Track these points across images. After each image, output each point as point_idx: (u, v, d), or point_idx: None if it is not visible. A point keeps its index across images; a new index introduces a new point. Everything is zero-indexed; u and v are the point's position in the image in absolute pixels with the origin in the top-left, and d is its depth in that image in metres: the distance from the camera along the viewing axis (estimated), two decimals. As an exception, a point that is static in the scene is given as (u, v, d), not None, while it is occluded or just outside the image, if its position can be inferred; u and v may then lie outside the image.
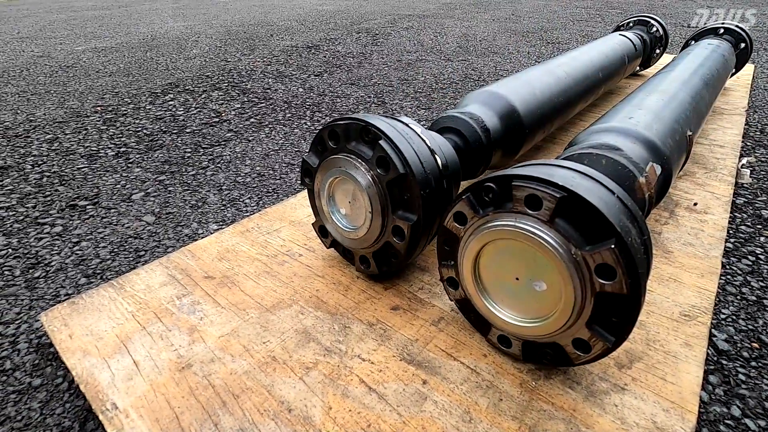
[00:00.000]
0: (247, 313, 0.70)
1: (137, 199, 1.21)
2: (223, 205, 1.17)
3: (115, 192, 1.24)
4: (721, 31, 1.65)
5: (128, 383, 0.59)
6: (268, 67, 2.53)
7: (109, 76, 2.40)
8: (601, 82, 1.36)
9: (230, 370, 0.60)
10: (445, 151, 0.71)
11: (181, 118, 1.79)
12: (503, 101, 0.95)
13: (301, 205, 1.01)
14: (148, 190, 1.25)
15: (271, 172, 1.34)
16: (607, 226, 0.46)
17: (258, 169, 1.37)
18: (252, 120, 1.77)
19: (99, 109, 1.90)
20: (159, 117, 1.80)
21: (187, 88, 2.17)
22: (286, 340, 0.65)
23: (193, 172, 1.35)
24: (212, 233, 0.93)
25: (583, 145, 0.75)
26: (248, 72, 2.44)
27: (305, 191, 1.05)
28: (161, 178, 1.32)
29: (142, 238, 1.03)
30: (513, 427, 0.52)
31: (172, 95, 2.06)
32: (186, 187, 1.26)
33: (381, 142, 0.63)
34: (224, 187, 1.26)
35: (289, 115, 1.81)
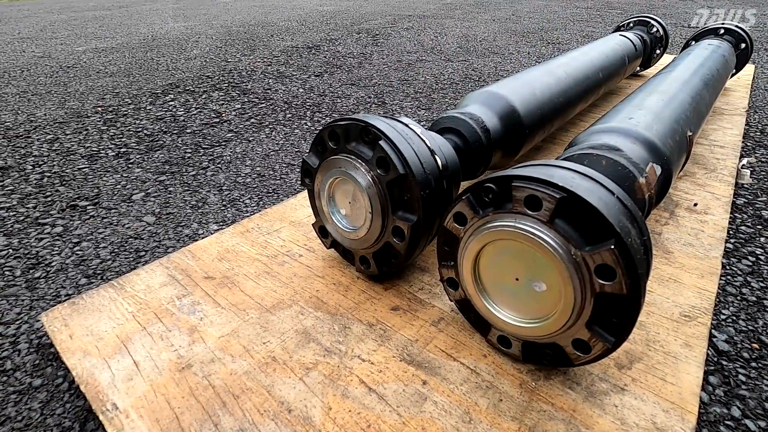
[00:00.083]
0: (247, 314, 0.70)
1: (138, 199, 1.21)
2: (224, 206, 1.17)
3: (116, 192, 1.24)
4: (722, 32, 1.65)
5: (128, 383, 0.59)
6: (269, 68, 2.54)
7: (110, 77, 2.40)
8: (602, 83, 1.36)
9: (230, 371, 0.60)
10: (445, 151, 0.71)
11: (182, 118, 1.79)
12: (503, 101, 0.95)
13: (301, 206, 1.01)
14: (149, 191, 1.25)
15: (272, 173, 1.35)
16: (607, 226, 0.46)
17: (258, 169, 1.37)
18: (252, 120, 1.77)
19: (99, 109, 1.90)
20: (159, 117, 1.80)
21: (188, 88, 2.17)
22: (286, 341, 0.65)
23: (194, 173, 1.35)
24: (212, 233, 0.93)
25: (583, 146, 0.75)
26: (249, 72, 2.44)
27: (305, 191, 1.05)
28: (161, 178, 1.32)
29: (143, 239, 1.04)
30: (513, 428, 0.52)
31: (172, 95, 2.07)
32: (186, 188, 1.26)
33: (381, 142, 0.63)
34: (224, 188, 1.26)
35: (290, 116, 1.81)
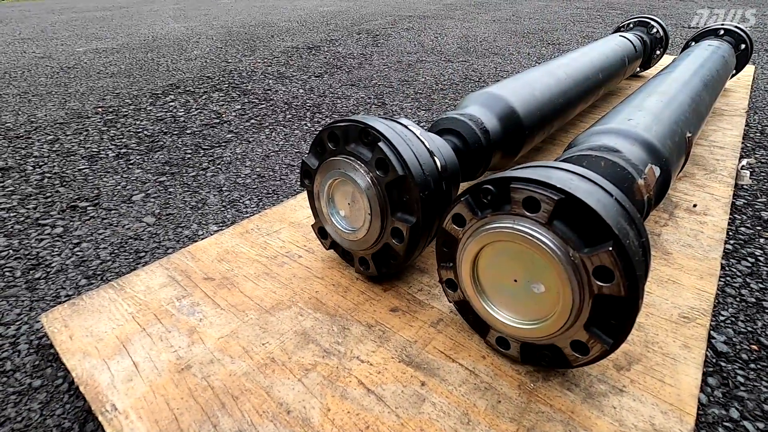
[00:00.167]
0: (247, 315, 0.70)
1: (138, 200, 1.21)
2: (223, 207, 1.17)
3: (116, 193, 1.24)
4: (722, 33, 1.65)
5: (128, 384, 0.59)
6: (269, 68, 2.54)
7: (110, 77, 2.40)
8: (601, 84, 1.36)
9: (229, 372, 0.61)
10: (444, 152, 0.72)
11: (182, 119, 1.80)
12: (503, 103, 0.95)
13: (300, 207, 1.01)
14: (149, 192, 1.25)
15: (271, 174, 1.35)
16: (605, 228, 0.46)
17: (258, 170, 1.37)
18: (252, 121, 1.77)
19: (100, 110, 1.91)
20: (159, 118, 1.80)
21: (188, 89, 2.17)
22: (285, 342, 0.65)
23: (194, 174, 1.35)
24: (212, 234, 0.93)
25: (582, 147, 0.75)
26: (249, 73, 2.45)
27: (305, 192, 1.05)
28: (162, 179, 1.32)
29: (143, 239, 1.04)
30: (511, 429, 0.52)
31: (172, 96, 2.07)
32: (186, 189, 1.26)
33: (380, 144, 0.63)
34: (224, 189, 1.26)
35: (290, 116, 1.82)
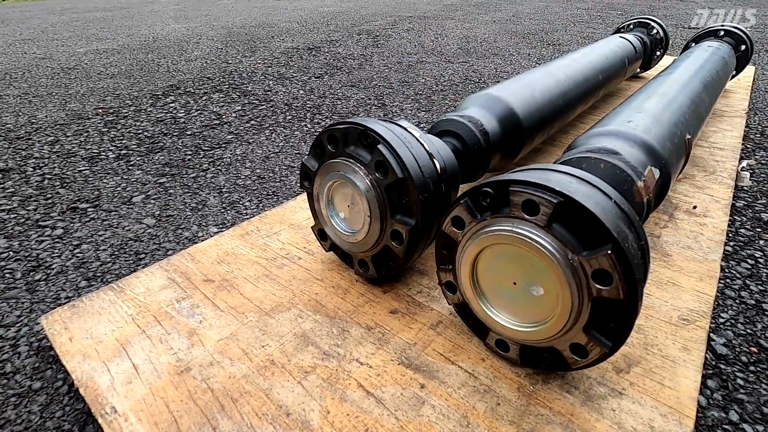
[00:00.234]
0: (246, 317, 0.70)
1: (138, 201, 1.21)
2: (223, 208, 1.17)
3: (116, 194, 1.25)
4: (722, 33, 1.65)
5: (127, 387, 0.59)
6: (269, 69, 2.54)
7: (111, 78, 2.40)
8: (601, 85, 1.36)
9: (229, 374, 0.61)
10: (443, 155, 0.72)
11: (182, 120, 1.80)
12: (502, 104, 0.95)
13: (300, 208, 1.01)
14: (149, 193, 1.25)
15: (271, 175, 1.35)
16: (604, 231, 0.46)
17: (258, 171, 1.37)
18: (252, 122, 1.78)
19: (100, 111, 1.91)
20: (160, 119, 1.81)
21: (188, 90, 2.18)
22: (284, 344, 0.65)
23: (194, 175, 1.35)
24: (212, 236, 0.93)
25: (581, 149, 0.75)
26: (249, 74, 2.45)
27: (305, 194, 1.05)
28: (162, 180, 1.32)
29: (143, 241, 1.04)
30: (510, 432, 0.52)
31: (173, 97, 2.07)
32: (186, 190, 1.26)
33: (379, 146, 0.63)
34: (224, 190, 1.26)
35: (290, 118, 1.82)
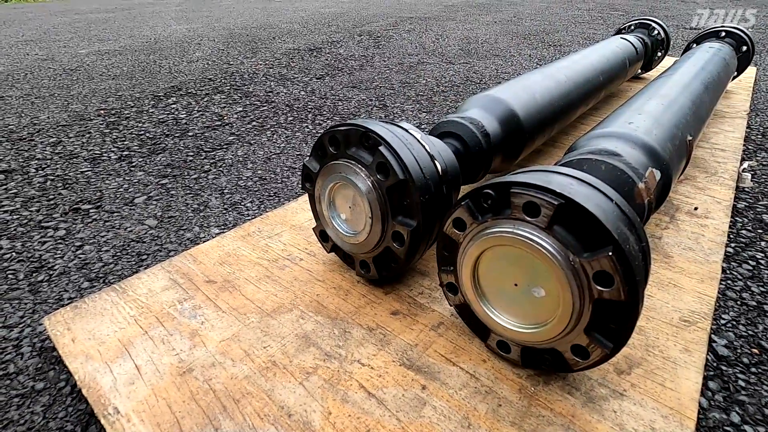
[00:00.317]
0: (248, 318, 0.71)
1: (140, 202, 1.21)
2: (225, 209, 1.18)
3: (118, 195, 1.25)
4: (723, 34, 1.65)
5: (130, 387, 0.59)
6: (270, 70, 2.55)
7: (113, 80, 2.41)
8: (602, 86, 1.36)
9: (231, 375, 0.61)
10: (444, 156, 0.72)
11: (184, 121, 1.80)
12: (503, 106, 0.95)
13: (302, 209, 1.01)
14: (151, 194, 1.26)
15: (273, 176, 1.35)
16: (605, 233, 0.46)
17: (260, 172, 1.37)
18: (254, 123, 1.78)
19: (102, 112, 1.91)
20: (162, 120, 1.81)
21: (190, 91, 2.18)
22: (286, 345, 0.66)
23: (195, 176, 1.35)
24: (214, 237, 0.93)
25: (582, 151, 0.75)
26: (250, 75, 2.45)
27: (306, 195, 1.05)
28: (163, 181, 1.32)
29: (145, 242, 1.04)
30: (511, 433, 0.53)
31: (174, 98, 2.08)
32: (188, 191, 1.27)
33: (381, 148, 0.63)
34: (226, 191, 1.27)
35: (291, 119, 1.82)
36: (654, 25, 1.80)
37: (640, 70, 1.87)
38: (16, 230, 1.09)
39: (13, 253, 1.01)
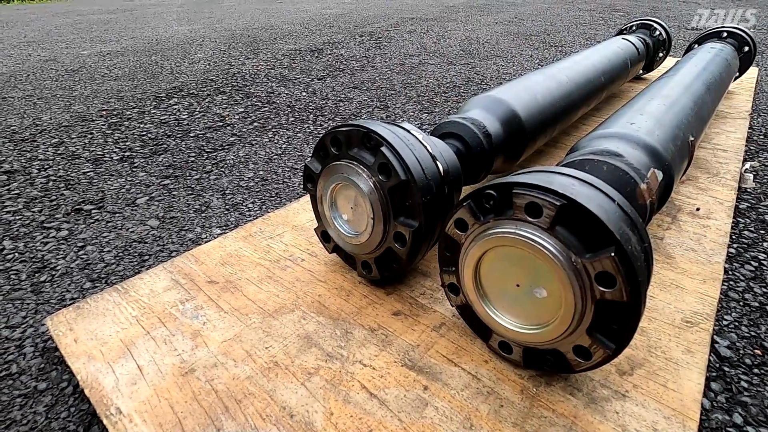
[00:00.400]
0: (250, 318, 0.71)
1: (142, 203, 1.22)
2: (227, 210, 1.18)
3: (120, 196, 1.25)
4: (725, 35, 1.65)
5: (132, 388, 0.59)
6: (272, 71, 2.55)
7: (115, 80, 2.42)
8: (604, 86, 1.36)
9: (233, 375, 0.61)
10: (446, 157, 0.72)
11: (185, 122, 1.81)
12: (505, 106, 0.95)
13: (303, 210, 1.01)
14: (153, 195, 1.26)
15: (274, 177, 1.35)
16: (607, 233, 0.46)
17: (261, 173, 1.38)
18: (255, 124, 1.78)
19: (104, 113, 1.92)
20: (163, 121, 1.82)
21: (192, 92, 2.19)
22: (288, 345, 0.66)
23: (197, 177, 1.36)
24: (216, 238, 0.94)
25: (584, 151, 0.75)
26: (252, 76, 2.46)
27: (308, 196, 1.06)
28: (165, 182, 1.33)
29: (147, 243, 1.04)
30: (514, 434, 0.52)
31: (176, 99, 2.08)
32: (190, 192, 1.27)
33: (383, 148, 0.63)
34: (228, 192, 1.27)
35: (293, 119, 1.82)
36: (655, 25, 1.80)
37: (641, 71, 1.87)
38: (18, 231, 1.10)
39: (16, 254, 1.01)
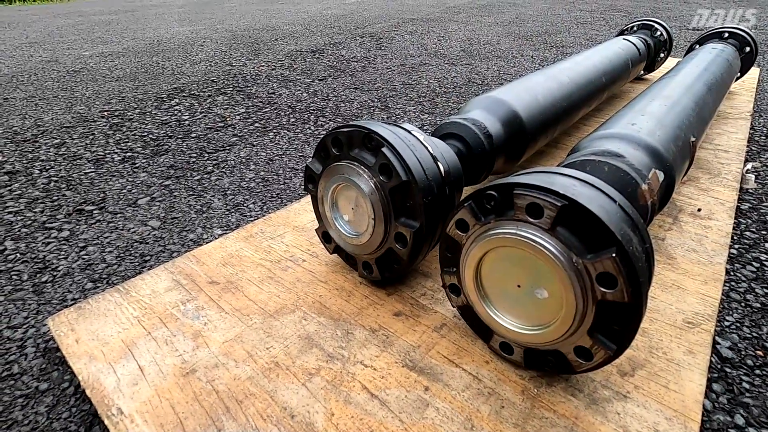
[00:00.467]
0: (251, 319, 0.71)
1: (143, 203, 1.22)
2: (228, 210, 1.18)
3: (121, 197, 1.25)
4: (726, 35, 1.65)
5: (133, 388, 0.59)
6: (273, 72, 2.55)
7: (116, 81, 2.42)
8: (605, 87, 1.36)
9: (234, 376, 0.61)
10: (447, 157, 0.72)
11: (187, 122, 1.81)
12: (506, 107, 0.95)
13: (304, 211, 1.01)
14: (154, 195, 1.26)
15: (275, 177, 1.35)
16: (608, 234, 0.46)
17: (262, 174, 1.38)
18: (256, 125, 1.78)
19: (106, 113, 1.92)
20: (165, 122, 1.82)
21: (193, 92, 2.19)
22: (289, 346, 0.66)
23: (198, 177, 1.36)
24: (217, 238, 0.94)
25: (585, 152, 0.75)
26: (253, 76, 2.46)
27: (309, 196, 1.06)
28: (167, 183, 1.33)
29: (148, 243, 1.05)
30: (515, 435, 0.52)
31: (177, 100, 2.08)
32: (191, 192, 1.27)
33: (383, 149, 0.63)
34: (229, 192, 1.27)
35: (294, 120, 1.82)
36: (656, 26, 1.80)
37: (642, 72, 1.86)
38: (20, 231, 1.10)
39: (18, 254, 1.01)
